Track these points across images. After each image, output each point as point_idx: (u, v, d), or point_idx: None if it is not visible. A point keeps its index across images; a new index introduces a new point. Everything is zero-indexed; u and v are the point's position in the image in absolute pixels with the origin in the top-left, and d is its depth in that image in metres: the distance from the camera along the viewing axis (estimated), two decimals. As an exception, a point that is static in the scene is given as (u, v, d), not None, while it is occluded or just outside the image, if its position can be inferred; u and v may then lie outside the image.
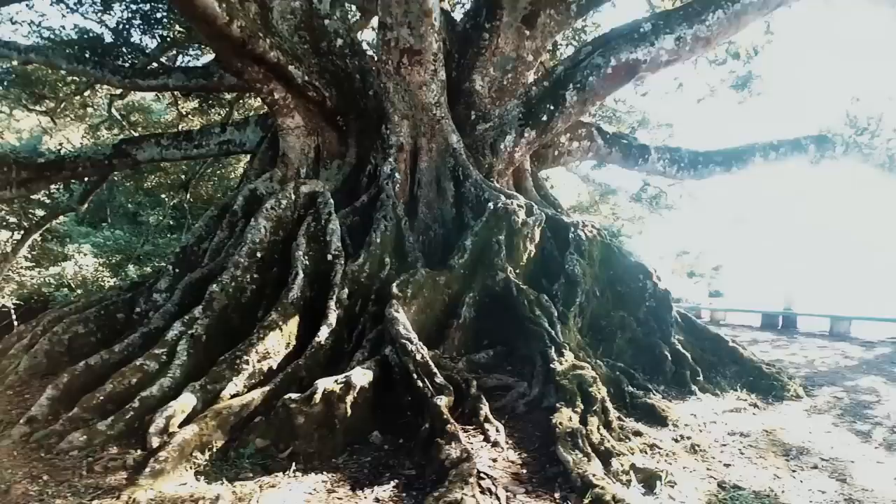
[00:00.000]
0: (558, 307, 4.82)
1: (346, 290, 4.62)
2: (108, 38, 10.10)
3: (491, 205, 5.56)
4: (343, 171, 6.98)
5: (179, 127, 12.05)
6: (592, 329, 5.17)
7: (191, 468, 3.11)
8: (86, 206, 10.17)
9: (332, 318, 4.34)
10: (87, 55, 9.26)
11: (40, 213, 10.37)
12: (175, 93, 11.56)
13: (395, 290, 4.39)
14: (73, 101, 11.26)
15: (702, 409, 4.29)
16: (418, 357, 3.75)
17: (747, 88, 14.32)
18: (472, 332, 4.78)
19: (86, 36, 9.99)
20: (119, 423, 3.45)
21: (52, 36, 9.97)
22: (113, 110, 12.28)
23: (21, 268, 11.07)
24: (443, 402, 3.37)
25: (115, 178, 13.92)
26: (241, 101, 11.85)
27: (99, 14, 10.05)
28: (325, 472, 3.15)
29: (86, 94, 11.21)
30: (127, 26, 10.08)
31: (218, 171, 14.54)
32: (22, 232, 9.60)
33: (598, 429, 3.34)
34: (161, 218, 14.37)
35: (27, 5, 9.05)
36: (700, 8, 6.51)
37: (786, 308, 10.09)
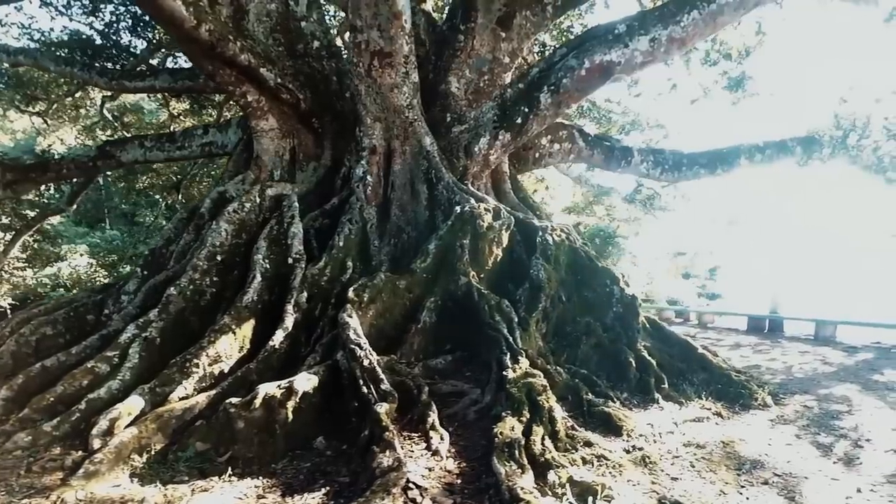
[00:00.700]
0: (521, 312, 4.75)
1: (306, 294, 4.57)
2: (98, 40, 10.12)
3: (458, 208, 5.50)
4: (318, 174, 6.94)
5: (172, 128, 12.07)
6: (558, 335, 5.08)
7: (127, 470, 3.09)
8: (75, 206, 10.21)
9: (289, 321, 4.29)
10: (75, 57, 9.28)
11: (32, 213, 10.42)
12: (166, 94, 11.59)
13: (350, 294, 4.33)
14: (65, 103, 11.30)
15: (662, 418, 4.18)
16: (365, 362, 3.70)
17: (741, 89, 14.15)
18: (434, 337, 4.71)
19: (76, 38, 10.03)
20: (65, 424, 3.44)
21: (42, 38, 10.01)
22: (105, 111, 12.31)
23: (14, 268, 11.13)
24: (382, 408, 3.31)
25: (110, 179, 13.97)
26: (230, 103, 11.83)
27: (87, 16, 10.06)
28: (260, 478, 3.12)
29: (77, 95, 11.25)
30: (115, 28, 10.09)
31: (212, 172, 14.56)
32: (13, 233, 9.65)
33: (543, 439, 3.26)
34: (154, 218, 14.41)
35: (16, 7, 9.03)
36: (675, 9, 6.39)
37: (772, 311, 9.92)
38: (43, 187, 10.34)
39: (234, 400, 3.37)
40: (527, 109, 6.81)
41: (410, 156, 6.75)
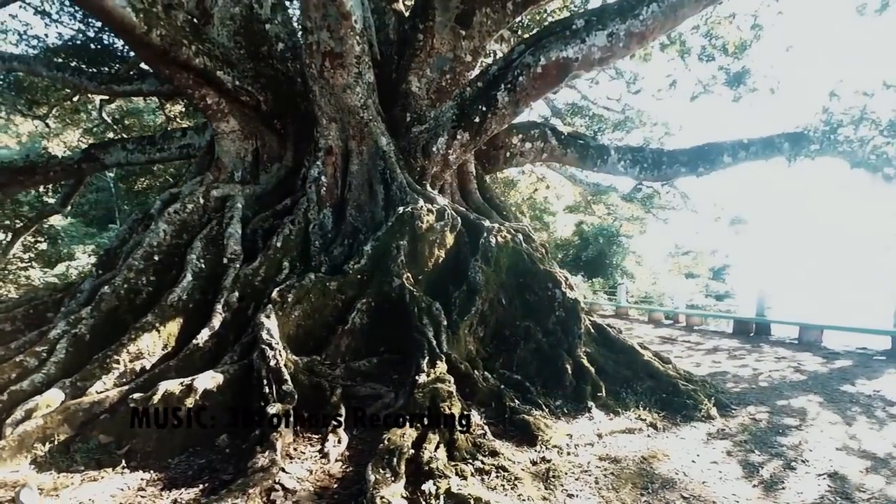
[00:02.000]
0: (453, 316, 4.67)
1: (237, 294, 4.58)
2: (91, 46, 10.41)
3: (400, 209, 5.44)
4: (279, 175, 6.98)
5: (169, 129, 12.33)
6: (497, 339, 4.96)
7: (29, 458, 3.16)
8: (70, 207, 10.55)
9: (216, 321, 4.31)
10: (67, 63, 9.56)
11: (31, 214, 10.80)
12: (160, 97, 11.84)
13: (274, 294, 4.32)
14: (65, 106, 11.68)
15: (588, 428, 3.98)
16: (272, 363, 3.68)
17: (741, 84, 13.69)
18: (366, 339, 4.66)
19: (69, 44, 10.33)
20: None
21: (38, 44, 10.34)
22: (105, 115, 12.67)
23: (18, 268, 11.57)
24: (273, 408, 3.29)
25: (115, 181, 14.31)
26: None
27: (79, 23, 10.35)
28: (151, 471, 3.14)
29: (76, 99, 11.60)
30: (106, 34, 10.35)
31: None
32: (11, 233, 10.03)
33: (437, 447, 3.18)
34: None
35: (11, 14, 9.34)
36: (635, 2, 6.17)
37: (758, 314, 9.50)
38: (42, 189, 10.67)
39: (135, 395, 3.41)
40: (484, 108, 6.69)
41: (368, 156, 6.72)
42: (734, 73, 13.38)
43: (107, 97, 11.91)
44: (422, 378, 3.77)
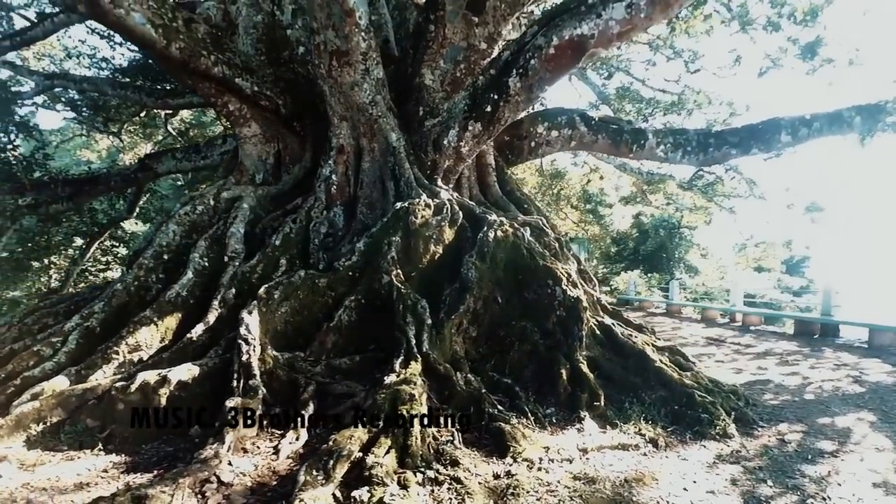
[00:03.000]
0: (441, 314, 4.44)
1: (234, 290, 4.68)
2: (151, 63, 11.30)
3: (398, 205, 5.29)
4: (297, 175, 7.11)
5: (212, 137, 13.16)
6: (491, 339, 4.63)
7: (24, 436, 3.43)
8: (135, 213, 11.63)
9: (212, 316, 4.44)
10: (133, 82, 10.48)
11: (104, 221, 12.01)
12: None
13: (261, 291, 4.36)
14: (134, 122, 12.86)
15: (574, 441, 3.54)
16: (244, 357, 3.70)
17: (815, 55, 12.02)
18: (354, 336, 4.56)
19: (132, 64, 11.31)
20: (0, 395, 3.86)
21: (106, 66, 11.44)
22: (170, 127, 13.79)
23: (98, 269, 12.93)
24: (231, 402, 3.30)
25: (183, 186, 15.53)
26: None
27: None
28: (123, 455, 3.29)
29: (143, 114, 12.73)
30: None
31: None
32: (88, 238, 11.25)
33: (386, 451, 2.99)
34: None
35: (80, 40, 10.37)
36: (657, -33, 5.49)
37: (824, 313, 8.14)
38: (113, 197, 11.79)
39: (117, 384, 3.57)
40: (496, 97, 6.32)
41: (379, 153, 6.63)
42: (806, 44, 11.76)
43: (170, 111, 12.93)
44: (390, 378, 3.60)
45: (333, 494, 2.59)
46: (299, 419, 3.49)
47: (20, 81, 10.28)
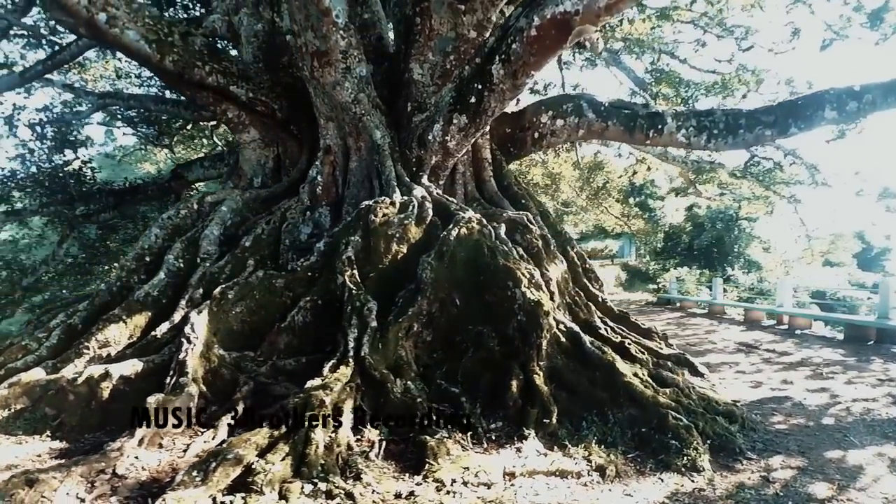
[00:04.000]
0: (390, 317, 4.16)
1: (201, 291, 4.73)
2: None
3: (364, 204, 5.07)
4: (293, 177, 7.14)
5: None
6: (446, 344, 4.28)
7: None
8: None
9: (178, 315, 4.49)
10: (166, 96, 11.19)
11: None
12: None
13: (215, 291, 4.34)
14: (182, 134, 13.78)
15: (504, 463, 3.09)
16: (180, 356, 3.69)
17: (882, 22, 10.27)
18: (309, 337, 4.41)
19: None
20: None
21: (151, 83, 12.29)
22: (216, 138, 14.62)
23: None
24: (152, 399, 3.28)
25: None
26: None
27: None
28: (65, 442, 3.39)
29: (189, 127, 13.58)
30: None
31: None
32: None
33: (283, 458, 2.80)
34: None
35: (127, 60, 11.20)
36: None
37: (880, 315, 6.71)
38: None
39: (68, 376, 3.69)
40: (480, 87, 5.88)
41: (366, 152, 6.46)
42: (872, 11, 10.03)
43: (214, 122, 13.68)
44: (312, 382, 3.40)
45: (211, 497, 2.44)
46: (223, 418, 3.40)
47: (80, 102, 11.30)
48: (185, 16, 8.84)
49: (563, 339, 4.08)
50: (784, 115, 6.93)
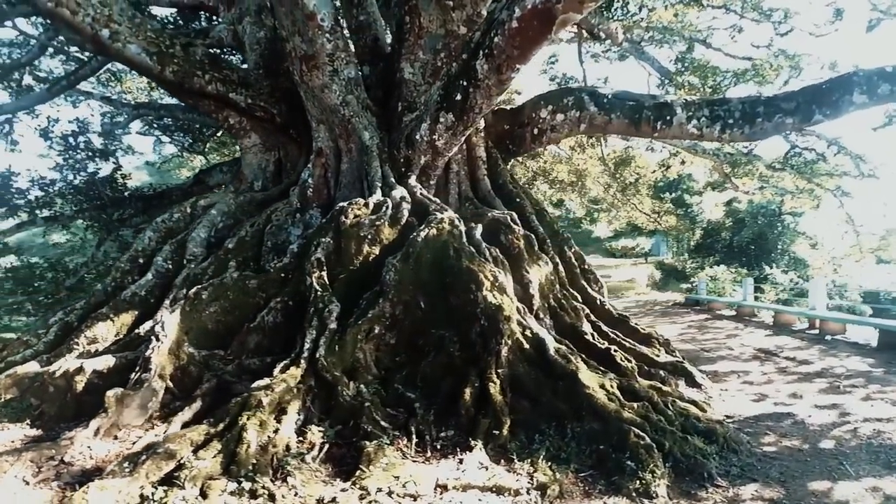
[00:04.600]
0: (352, 319, 4.08)
1: (185, 291, 4.85)
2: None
3: (338, 206, 5.02)
4: (292, 180, 7.21)
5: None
6: (409, 347, 4.14)
7: None
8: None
9: (160, 314, 4.66)
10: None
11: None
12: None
13: (191, 292, 4.43)
14: (213, 140, 14.38)
15: (441, 474, 2.91)
16: (147, 353, 3.78)
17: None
18: (279, 337, 4.38)
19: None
20: None
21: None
22: (245, 143, 15.11)
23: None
24: (111, 392, 3.40)
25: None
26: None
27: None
28: (40, 430, 3.56)
29: (219, 133, 14.16)
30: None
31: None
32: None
33: (214, 455, 2.82)
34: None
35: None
36: None
37: None
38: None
39: (50, 368, 3.88)
40: (465, 83, 5.67)
41: (356, 153, 6.42)
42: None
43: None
44: (261, 382, 3.38)
45: (138, 488, 2.49)
46: (179, 414, 3.45)
47: (120, 113, 12.01)
48: (195, 27, 9.16)
49: (526, 346, 3.83)
50: (807, 102, 6.25)
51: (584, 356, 4.39)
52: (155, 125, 13.17)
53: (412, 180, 6.07)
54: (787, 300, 12.94)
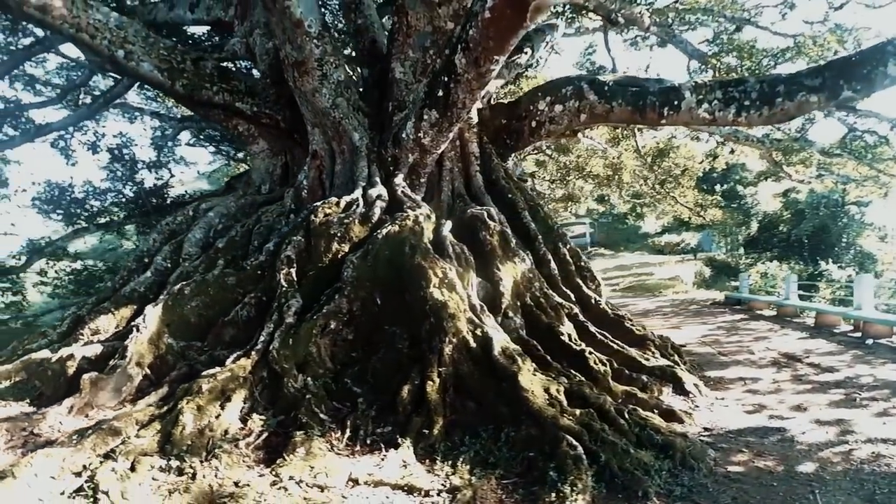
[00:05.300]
0: (310, 315, 4.13)
1: (178, 287, 5.16)
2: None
3: (311, 205, 5.09)
4: (291, 183, 7.43)
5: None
6: (366, 343, 4.08)
7: None
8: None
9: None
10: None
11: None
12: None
13: (175, 287, 4.70)
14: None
15: (359, 469, 2.87)
16: (126, 342, 4.06)
17: None
18: (251, 330, 4.42)
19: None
20: (6, 363, 4.87)
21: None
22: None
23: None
24: (86, 376, 3.68)
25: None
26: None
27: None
28: (33, 406, 3.88)
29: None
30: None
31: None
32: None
33: (154, 434, 2.99)
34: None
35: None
36: None
37: None
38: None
39: (49, 355, 4.27)
40: (447, 79, 5.54)
41: (348, 154, 6.50)
42: None
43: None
44: (211, 371, 3.52)
45: (78, 459, 2.72)
46: (147, 398, 3.68)
47: (169, 126, 13.01)
48: (215, 42, 9.68)
49: (473, 345, 3.66)
50: (834, 77, 5.51)
51: (549, 358, 4.16)
52: (201, 136, 14.09)
53: (399, 179, 6.04)
54: (844, 299, 11.39)
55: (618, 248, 30.82)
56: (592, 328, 5.17)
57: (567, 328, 4.78)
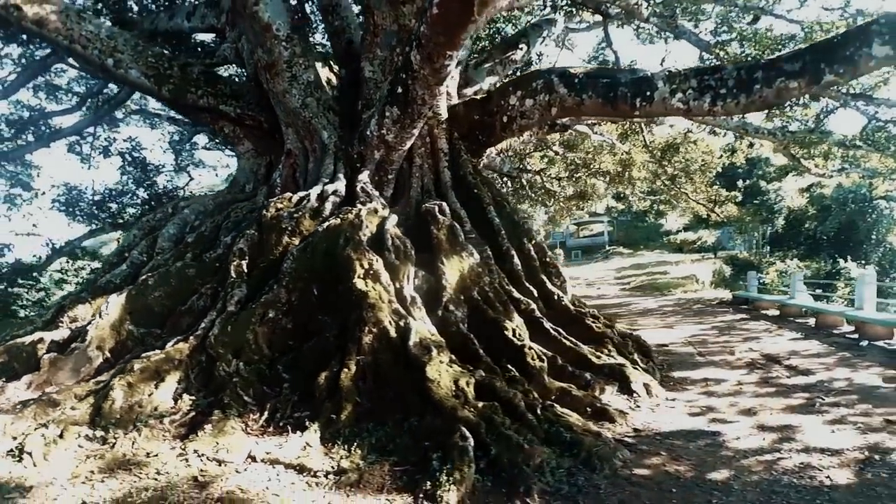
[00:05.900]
0: (253, 304, 4.24)
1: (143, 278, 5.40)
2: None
3: (265, 201, 5.22)
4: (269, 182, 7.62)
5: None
6: (303, 332, 4.13)
7: None
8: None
9: (125, 297, 5.25)
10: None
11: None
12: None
13: (141, 278, 4.93)
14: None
15: (261, 448, 2.96)
16: (87, 327, 4.30)
17: None
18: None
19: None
20: None
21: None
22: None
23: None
24: (47, 356, 4.00)
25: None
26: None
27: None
28: (26, 390, 4.14)
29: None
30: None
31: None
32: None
33: (87, 408, 3.19)
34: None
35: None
36: None
37: None
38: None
39: (24, 340, 4.57)
40: (405, 76, 5.58)
41: (319, 152, 6.62)
42: None
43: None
44: (147, 353, 3.71)
45: (19, 426, 3.03)
46: (99, 377, 3.89)
47: (186, 130, 13.59)
48: (209, 49, 10.03)
49: (394, 335, 3.65)
50: (815, 60, 5.15)
51: (482, 352, 4.10)
52: (216, 139, 14.62)
53: (363, 175, 6.09)
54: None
55: (637, 247, 29.84)
56: (547, 324, 5.04)
57: (514, 323, 4.68)
